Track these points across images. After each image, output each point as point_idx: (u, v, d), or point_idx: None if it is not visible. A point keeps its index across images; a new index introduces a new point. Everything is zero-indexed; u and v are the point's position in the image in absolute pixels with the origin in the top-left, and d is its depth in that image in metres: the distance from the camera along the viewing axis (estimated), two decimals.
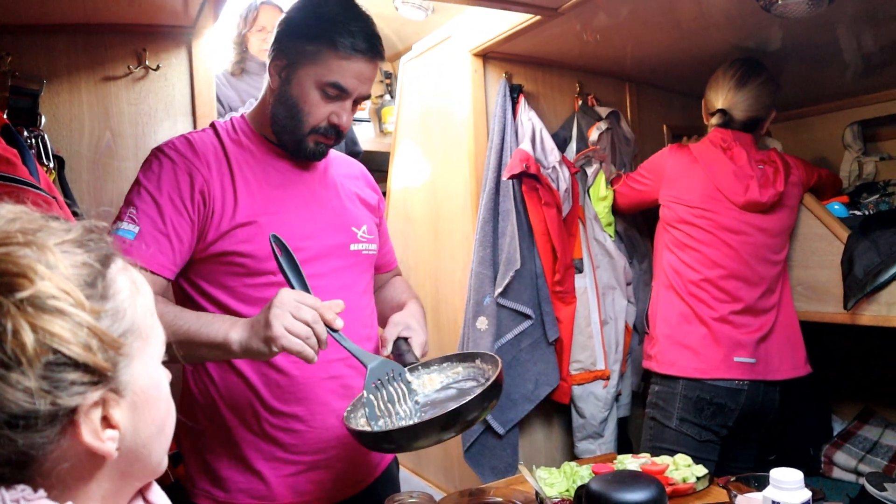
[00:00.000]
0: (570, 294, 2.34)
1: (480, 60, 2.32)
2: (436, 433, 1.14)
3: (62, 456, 0.61)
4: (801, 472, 1.15)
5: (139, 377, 0.66)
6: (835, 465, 2.51)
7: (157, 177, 1.34)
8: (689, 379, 2.10)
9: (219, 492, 1.41)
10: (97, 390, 0.61)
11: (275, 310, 1.14)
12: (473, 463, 2.22)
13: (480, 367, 1.36)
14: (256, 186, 1.40)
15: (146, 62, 1.99)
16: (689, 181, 2.18)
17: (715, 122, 2.20)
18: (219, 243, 1.35)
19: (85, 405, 0.60)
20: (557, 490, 1.50)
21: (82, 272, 0.62)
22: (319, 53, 1.35)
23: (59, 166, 1.82)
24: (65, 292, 0.59)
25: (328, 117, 1.40)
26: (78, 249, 0.63)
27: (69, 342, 0.58)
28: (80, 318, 0.60)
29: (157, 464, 0.72)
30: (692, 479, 1.58)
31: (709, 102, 2.24)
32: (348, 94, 1.39)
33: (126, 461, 0.66)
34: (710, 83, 2.23)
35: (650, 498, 0.87)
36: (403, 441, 1.18)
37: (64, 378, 0.58)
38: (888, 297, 1.91)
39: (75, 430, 0.60)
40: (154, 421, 0.69)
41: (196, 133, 1.45)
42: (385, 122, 3.53)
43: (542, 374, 2.28)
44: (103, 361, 0.61)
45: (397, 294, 1.68)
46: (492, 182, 2.25)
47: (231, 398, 1.39)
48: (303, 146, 1.42)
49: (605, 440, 2.38)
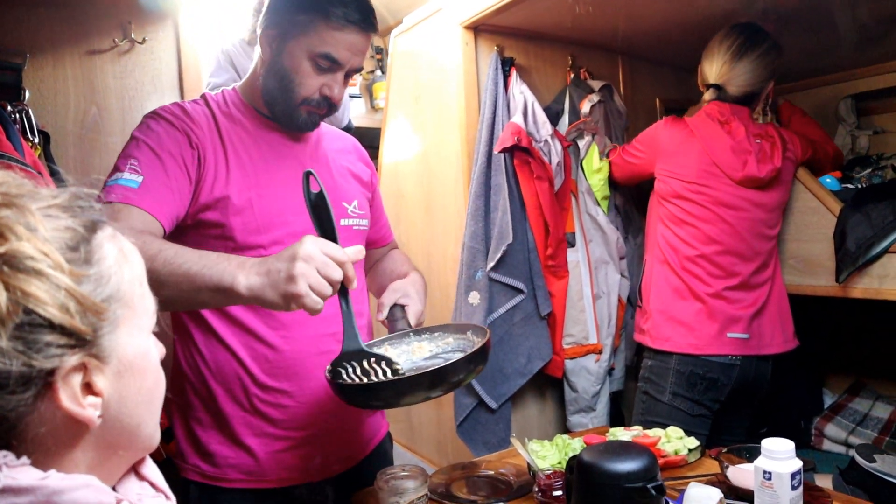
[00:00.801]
0: (563, 268, 2.34)
1: (471, 33, 2.29)
2: (423, 390, 1.11)
3: (39, 420, 0.60)
4: (792, 442, 1.16)
5: (125, 345, 0.65)
6: (825, 438, 2.53)
7: (157, 133, 1.33)
8: (682, 354, 2.10)
9: (208, 467, 1.40)
10: (75, 354, 0.60)
11: (300, 264, 1.04)
12: (466, 437, 2.23)
13: (470, 340, 1.36)
14: (247, 160, 1.39)
15: (132, 35, 1.96)
16: (685, 155, 2.14)
17: (709, 97, 2.17)
18: (208, 212, 1.34)
19: (63, 368, 0.59)
20: (550, 462, 1.51)
21: (65, 236, 0.61)
22: (312, 24, 1.33)
23: (45, 142, 1.80)
24: (43, 254, 0.59)
25: (320, 89, 1.38)
26: (63, 214, 0.63)
27: (45, 303, 0.58)
28: (58, 279, 0.59)
29: (147, 437, 0.71)
30: (684, 451, 1.59)
31: (703, 74, 2.19)
32: (341, 66, 1.37)
33: (112, 431, 0.66)
34: (706, 52, 2.16)
35: (641, 468, 0.87)
36: (390, 396, 1.14)
37: (39, 339, 0.57)
38: (880, 270, 1.92)
39: (53, 393, 0.60)
40: (141, 391, 0.68)
41: (188, 103, 1.44)
42: (376, 98, 3.49)
43: (534, 348, 2.28)
44: (82, 325, 0.60)
45: (397, 266, 1.67)
46: (483, 156, 2.23)
47: (220, 373, 1.39)
48: (294, 117, 1.41)
49: (597, 414, 2.39)
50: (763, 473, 1.15)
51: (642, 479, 0.86)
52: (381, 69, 3.50)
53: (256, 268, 1.08)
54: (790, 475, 1.13)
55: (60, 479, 0.60)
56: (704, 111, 2.17)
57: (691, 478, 1.46)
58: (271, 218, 1.37)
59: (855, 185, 2.29)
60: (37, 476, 0.59)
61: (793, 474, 1.13)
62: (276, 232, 1.37)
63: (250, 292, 1.07)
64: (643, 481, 0.86)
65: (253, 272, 1.08)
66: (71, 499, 0.59)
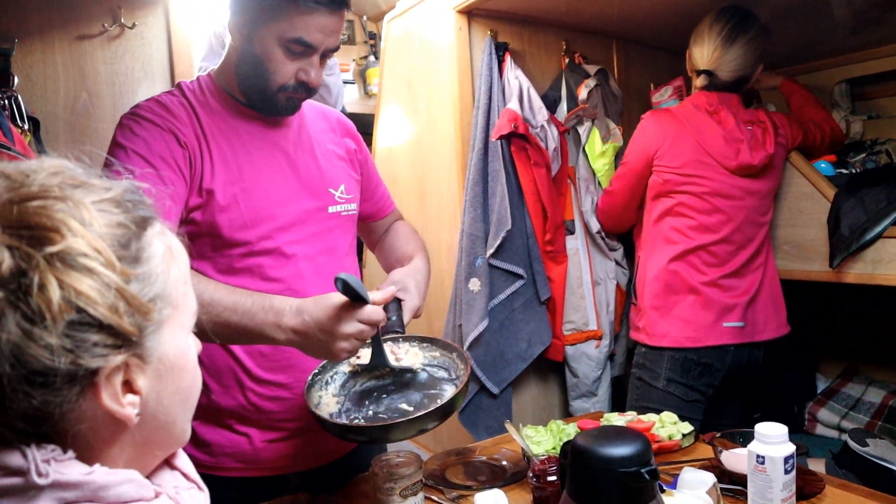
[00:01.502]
0: (561, 253, 2.34)
1: (465, 18, 2.27)
2: (415, 427, 1.19)
3: (81, 417, 0.60)
4: (785, 427, 1.16)
5: (166, 345, 0.65)
6: (818, 422, 2.55)
7: (143, 138, 1.27)
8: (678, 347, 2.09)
9: (204, 456, 1.40)
10: (120, 354, 0.59)
11: (340, 343, 1.14)
12: (468, 423, 2.23)
13: (455, 363, 1.37)
14: (230, 153, 1.34)
15: (121, 20, 1.94)
16: (678, 147, 2.11)
17: (700, 85, 2.15)
18: (196, 212, 1.31)
19: (107, 368, 0.59)
20: (544, 448, 1.51)
21: (117, 232, 0.60)
22: (280, 9, 1.27)
23: (35, 128, 1.78)
24: (96, 251, 0.58)
25: (296, 74, 1.32)
26: (115, 209, 0.62)
27: (96, 302, 0.57)
28: (109, 278, 0.58)
29: (181, 433, 0.71)
30: (678, 435, 1.59)
31: (693, 59, 2.16)
32: (314, 50, 1.31)
33: (148, 428, 0.65)
34: (695, 37, 2.13)
35: (635, 453, 0.87)
36: (376, 434, 1.21)
37: (87, 338, 0.57)
38: (874, 255, 1.91)
39: (95, 392, 0.59)
40: (178, 390, 0.68)
41: (164, 95, 1.38)
42: (370, 84, 3.48)
43: (534, 332, 2.29)
44: (129, 325, 0.59)
45: (402, 244, 1.62)
46: (480, 142, 2.22)
47: (214, 368, 1.37)
48: (273, 104, 1.36)
49: (598, 399, 2.41)
50: (756, 458, 1.15)
51: (636, 463, 0.85)
52: (375, 55, 3.48)
53: (293, 326, 1.16)
54: (783, 459, 1.13)
55: (105, 473, 0.60)
56: (692, 102, 2.14)
57: (685, 462, 1.46)
58: (258, 213, 1.34)
59: (849, 170, 2.28)
60: (83, 471, 0.59)
61: (786, 458, 1.13)
62: (264, 227, 1.34)
63: (289, 343, 1.18)
64: (637, 466, 0.85)
65: (291, 333, 1.17)
66: (115, 493, 0.60)
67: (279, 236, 1.36)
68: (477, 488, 1.41)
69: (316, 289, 1.32)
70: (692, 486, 1.18)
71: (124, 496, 0.60)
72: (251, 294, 1.21)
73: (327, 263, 1.43)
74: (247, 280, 1.33)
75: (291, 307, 1.17)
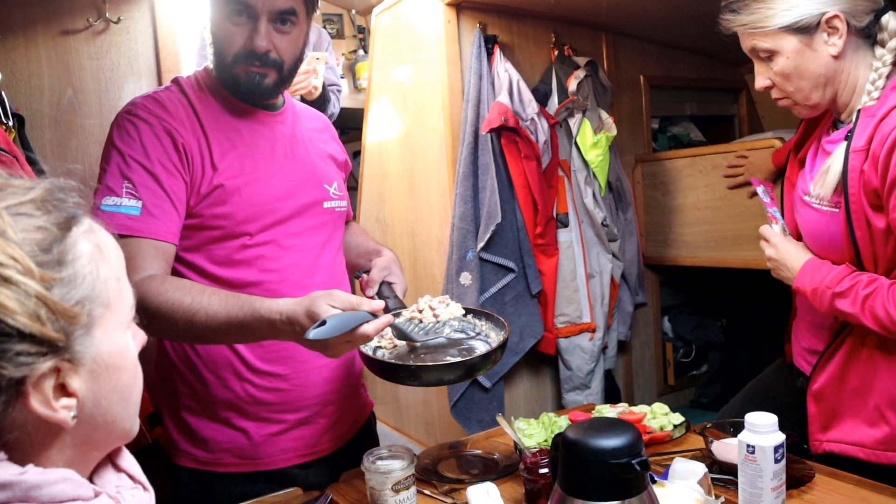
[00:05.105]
0: (552, 246, 2.34)
1: (454, 10, 2.26)
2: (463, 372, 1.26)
3: (12, 424, 0.59)
4: (775, 416, 1.16)
5: (100, 345, 0.64)
6: None
7: (140, 143, 1.27)
8: None
9: (202, 453, 1.39)
10: (48, 360, 0.58)
11: (330, 353, 1.15)
12: (461, 417, 2.23)
13: (471, 322, 1.42)
14: (230, 146, 1.35)
15: (106, 14, 1.91)
16: None
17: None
18: (199, 207, 1.31)
19: (34, 376, 0.58)
20: (536, 440, 1.51)
21: (36, 237, 0.59)
22: None
23: (20, 124, 1.77)
24: (12, 259, 0.56)
25: (244, 43, 1.32)
26: (36, 212, 0.60)
27: (15, 312, 0.56)
28: (28, 286, 0.57)
29: (124, 430, 0.70)
30: (669, 426, 1.59)
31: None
32: (255, 11, 1.30)
33: (88, 428, 0.64)
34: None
35: (626, 444, 0.87)
36: (430, 377, 1.25)
37: (9, 349, 0.56)
38: None
39: (25, 399, 0.58)
40: (117, 389, 0.66)
41: (161, 91, 1.38)
42: (359, 79, 3.46)
43: (526, 326, 2.29)
44: (54, 332, 0.58)
45: (362, 240, 1.66)
46: (470, 136, 2.21)
47: (211, 360, 1.37)
48: (237, 81, 1.35)
49: (591, 391, 2.42)
50: (747, 447, 1.15)
51: (627, 454, 0.85)
52: (364, 49, 3.46)
53: (287, 333, 1.15)
54: (773, 448, 1.13)
55: (38, 473, 0.59)
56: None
57: (676, 453, 1.47)
58: (260, 206, 1.35)
59: None
60: (15, 471, 0.58)
61: (776, 447, 1.14)
62: (264, 219, 1.36)
63: (288, 338, 1.17)
64: (628, 457, 0.85)
65: (287, 337, 1.16)
66: (49, 493, 0.58)
67: (278, 229, 1.38)
68: (469, 481, 1.41)
69: (311, 280, 1.38)
70: (683, 476, 1.18)
71: (59, 495, 0.59)
72: (242, 306, 1.17)
73: (321, 257, 1.46)
74: (245, 271, 1.35)
75: (282, 317, 1.13)
